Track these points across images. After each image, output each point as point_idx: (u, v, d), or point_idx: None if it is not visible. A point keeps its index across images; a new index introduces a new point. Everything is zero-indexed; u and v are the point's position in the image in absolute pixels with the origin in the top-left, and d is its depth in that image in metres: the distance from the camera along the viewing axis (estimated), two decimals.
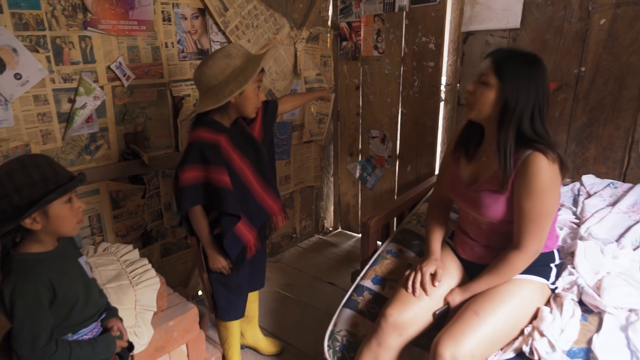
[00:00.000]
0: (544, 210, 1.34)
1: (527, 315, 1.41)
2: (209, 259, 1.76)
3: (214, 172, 1.62)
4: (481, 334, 1.32)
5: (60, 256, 1.20)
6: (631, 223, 1.79)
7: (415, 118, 2.88)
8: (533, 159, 1.32)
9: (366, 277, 1.81)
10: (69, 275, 1.20)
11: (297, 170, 3.21)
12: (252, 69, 1.57)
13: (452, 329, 1.34)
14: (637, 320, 1.31)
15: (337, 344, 1.66)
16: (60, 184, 1.12)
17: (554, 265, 1.49)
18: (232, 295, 1.87)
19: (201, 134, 1.64)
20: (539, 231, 1.36)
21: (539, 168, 1.31)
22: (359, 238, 3.30)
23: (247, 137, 1.76)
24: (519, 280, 1.44)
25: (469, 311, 1.38)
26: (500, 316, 1.36)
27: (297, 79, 2.96)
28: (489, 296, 1.41)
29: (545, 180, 1.31)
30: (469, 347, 1.30)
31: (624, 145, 2.15)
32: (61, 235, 1.20)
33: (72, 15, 1.89)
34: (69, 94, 1.94)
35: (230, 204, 1.64)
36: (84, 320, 1.24)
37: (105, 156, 2.12)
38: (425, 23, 2.68)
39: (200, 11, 2.34)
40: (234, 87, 1.56)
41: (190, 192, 1.64)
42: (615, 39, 2.08)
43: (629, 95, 2.09)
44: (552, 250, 1.50)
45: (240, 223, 1.70)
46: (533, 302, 1.42)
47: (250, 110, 1.67)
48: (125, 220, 2.26)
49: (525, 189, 1.34)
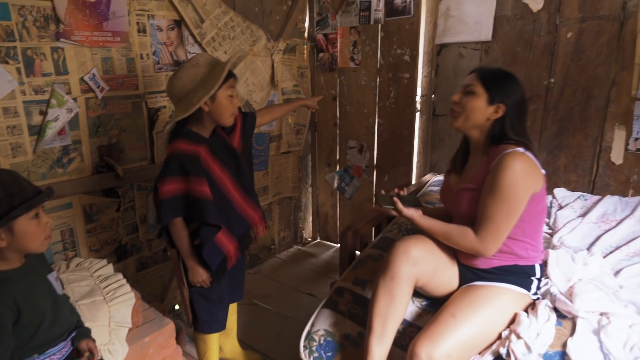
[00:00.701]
0: (503, 210, 1.37)
1: (505, 322, 1.43)
2: (189, 271, 1.74)
3: (194, 183, 1.62)
4: (457, 336, 1.34)
5: (27, 274, 1.16)
6: (601, 232, 1.85)
7: (392, 128, 2.92)
8: (505, 157, 1.38)
9: (346, 278, 1.81)
10: (35, 294, 1.15)
11: (275, 181, 3.20)
12: (218, 75, 1.58)
13: (429, 330, 1.36)
14: (609, 324, 1.35)
15: (314, 343, 1.65)
16: (26, 199, 1.08)
17: (535, 278, 1.52)
18: (213, 307, 1.84)
19: (180, 146, 1.63)
20: (495, 230, 1.39)
21: (507, 167, 1.36)
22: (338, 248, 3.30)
23: (226, 147, 1.77)
24: (499, 288, 1.46)
25: (446, 313, 1.40)
26: (478, 320, 1.38)
27: (274, 90, 2.97)
28: (468, 300, 1.43)
29: (509, 179, 1.36)
30: (445, 348, 1.32)
31: (592, 154, 2.22)
32: (28, 252, 1.16)
33: (44, 26, 1.86)
34: (41, 106, 1.90)
35: (210, 214, 1.63)
36: (51, 340, 1.20)
37: (78, 169, 2.07)
38: (400, 35, 2.73)
39: (176, 23, 2.33)
40: (202, 93, 1.57)
41: (170, 205, 1.62)
42: (582, 52, 2.16)
43: (596, 105, 2.17)
44: (533, 264, 1.52)
45: (220, 233, 1.69)
46: (512, 309, 1.45)
47: (225, 117, 1.67)
48: (99, 234, 2.21)
49: (489, 185, 1.40)
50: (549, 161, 2.35)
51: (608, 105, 2.14)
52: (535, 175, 1.41)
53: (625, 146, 2.12)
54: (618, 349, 1.28)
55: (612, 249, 1.76)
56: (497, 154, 1.43)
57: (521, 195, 1.38)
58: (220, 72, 1.58)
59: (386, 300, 1.46)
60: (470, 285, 1.51)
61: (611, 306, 1.40)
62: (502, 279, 1.48)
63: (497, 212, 1.38)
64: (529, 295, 1.50)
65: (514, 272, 1.49)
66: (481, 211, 1.42)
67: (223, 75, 1.57)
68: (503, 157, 1.39)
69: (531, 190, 1.40)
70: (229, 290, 1.90)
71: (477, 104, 1.46)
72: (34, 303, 1.14)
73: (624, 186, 2.15)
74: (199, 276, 1.72)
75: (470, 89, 1.48)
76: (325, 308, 1.73)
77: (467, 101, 1.48)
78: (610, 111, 2.14)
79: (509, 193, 1.36)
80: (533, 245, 1.50)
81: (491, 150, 1.47)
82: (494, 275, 1.50)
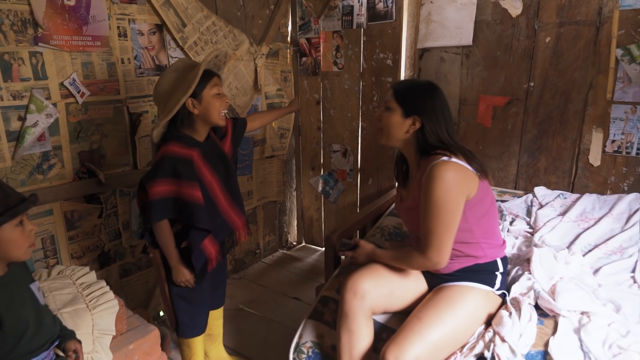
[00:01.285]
0: (440, 221, 1.39)
1: (475, 322, 1.46)
2: (174, 272, 1.73)
3: (186, 187, 1.62)
4: (425, 339, 1.36)
5: (10, 282, 1.14)
6: (580, 231, 1.89)
7: (375, 132, 2.94)
8: (431, 170, 1.40)
9: (330, 287, 1.82)
10: (18, 303, 1.14)
11: (259, 185, 3.19)
12: (194, 74, 1.61)
13: (398, 336, 1.39)
14: (589, 322, 1.38)
15: (303, 355, 1.65)
16: (11, 206, 1.07)
17: (498, 273, 1.54)
18: (193, 309, 1.84)
19: (173, 149, 1.64)
20: (438, 242, 1.41)
21: (434, 179, 1.38)
22: (323, 252, 3.31)
23: (218, 153, 1.80)
24: (463, 287, 1.49)
25: (413, 318, 1.43)
26: (444, 321, 1.40)
27: (257, 94, 2.96)
28: (433, 302, 1.46)
29: (439, 191, 1.38)
30: (414, 352, 1.34)
31: (571, 156, 2.27)
32: (12, 260, 1.14)
33: (22, 30, 1.83)
34: (19, 112, 1.86)
35: (202, 218, 1.65)
36: (34, 350, 1.18)
37: (59, 175, 2.04)
38: (382, 40, 2.75)
39: (157, 27, 2.31)
40: (180, 95, 1.61)
41: (160, 206, 1.62)
42: (560, 56, 2.21)
43: (574, 108, 2.22)
44: (494, 259, 1.54)
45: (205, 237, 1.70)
46: (479, 308, 1.47)
47: (215, 116, 1.69)
48: (81, 241, 2.17)
49: (423, 201, 1.42)
50: (529, 163, 2.39)
51: (586, 108, 2.19)
52: (467, 180, 1.42)
53: (603, 148, 2.18)
54: (597, 347, 1.31)
55: (591, 247, 1.80)
56: (426, 166, 1.44)
57: (454, 204, 1.40)
58: (197, 70, 1.61)
59: (347, 336, 1.51)
60: (437, 288, 1.54)
61: (591, 305, 1.43)
62: (467, 278, 1.51)
63: (434, 225, 1.40)
64: (493, 292, 1.52)
65: (476, 270, 1.52)
66: (422, 226, 1.45)
67: (198, 75, 1.60)
68: (430, 169, 1.41)
69: (464, 196, 1.41)
70: (210, 293, 1.90)
71: (394, 119, 1.50)
72: (17, 312, 1.12)
73: (602, 187, 2.21)
74: (183, 276, 1.72)
75: (387, 105, 1.53)
76: (311, 319, 1.73)
77: (386, 118, 1.52)
78: (588, 114, 2.19)
79: (440, 205, 1.38)
80: (488, 243, 1.52)
81: (422, 163, 1.49)
82: (457, 277, 1.52)
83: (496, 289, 1.52)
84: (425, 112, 1.47)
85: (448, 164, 1.40)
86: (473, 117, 2.51)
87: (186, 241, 1.70)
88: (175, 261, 1.72)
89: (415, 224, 1.51)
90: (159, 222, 1.65)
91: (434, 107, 1.48)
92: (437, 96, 1.50)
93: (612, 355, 1.28)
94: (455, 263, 1.51)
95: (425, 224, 1.43)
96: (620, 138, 2.12)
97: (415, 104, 1.48)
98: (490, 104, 2.45)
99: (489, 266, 1.53)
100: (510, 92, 2.38)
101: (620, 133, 2.12)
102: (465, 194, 1.42)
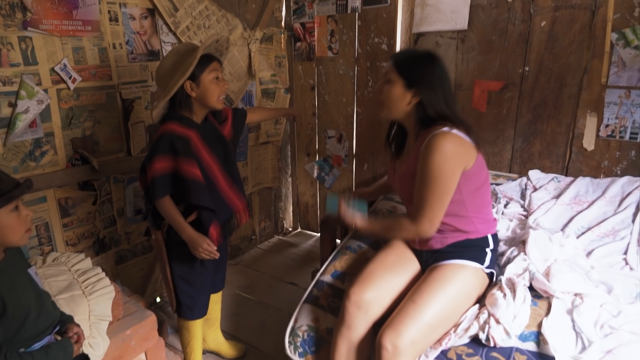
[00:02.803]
0: (435, 191, 1.41)
1: (466, 300, 1.47)
2: (190, 243, 1.67)
3: (184, 163, 1.63)
4: (420, 321, 1.37)
5: (8, 267, 1.15)
6: (573, 214, 1.91)
7: (371, 117, 2.93)
8: (431, 140, 1.41)
9: (326, 272, 1.83)
10: (18, 287, 1.14)
11: (254, 171, 3.19)
12: (192, 58, 1.62)
13: (393, 320, 1.40)
14: (582, 304, 1.40)
15: (299, 339, 1.67)
16: (5, 191, 1.07)
17: (488, 250, 1.55)
18: (196, 292, 1.85)
19: (172, 127, 1.65)
20: (430, 211, 1.43)
21: (433, 149, 1.39)
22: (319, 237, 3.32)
23: (216, 135, 1.81)
24: (454, 265, 1.50)
25: (407, 301, 1.44)
26: (436, 301, 1.41)
27: (251, 80, 2.94)
28: (426, 283, 1.47)
29: (436, 161, 1.38)
30: (409, 335, 1.35)
31: (565, 140, 2.28)
32: (8, 246, 1.15)
33: (10, 14, 1.79)
34: (10, 98, 1.84)
35: (200, 195, 1.65)
36: (38, 334, 1.19)
37: (52, 162, 2.02)
38: (377, 24, 2.73)
39: (149, 11, 2.28)
40: (178, 77, 1.63)
41: (161, 181, 1.63)
42: (555, 40, 2.20)
43: (569, 93, 2.22)
44: (485, 235, 1.56)
45: None
46: (469, 286, 1.48)
47: (213, 100, 1.70)
48: (76, 228, 2.16)
49: (419, 169, 1.43)
50: (524, 148, 2.40)
51: (580, 93, 2.19)
52: (465, 152, 1.43)
53: (597, 132, 2.18)
54: (589, 328, 1.33)
55: (584, 229, 1.82)
56: (425, 136, 1.45)
57: (450, 175, 1.41)
58: (196, 54, 1.62)
59: (346, 346, 1.50)
60: (429, 268, 1.55)
61: (584, 286, 1.45)
62: (457, 256, 1.52)
63: (428, 195, 1.42)
64: (483, 269, 1.53)
65: (467, 246, 1.53)
66: (415, 195, 1.46)
67: (196, 58, 1.60)
68: (429, 140, 1.41)
69: (461, 168, 1.43)
70: (211, 276, 1.91)
71: (396, 91, 1.48)
72: (19, 297, 1.13)
73: (596, 171, 2.22)
74: (202, 242, 1.65)
75: (388, 78, 1.51)
76: (306, 303, 1.74)
77: (387, 90, 1.51)
78: (582, 98, 2.19)
79: (437, 175, 1.39)
80: (480, 218, 1.54)
81: (421, 134, 1.50)
82: (449, 253, 1.53)
83: (485, 267, 1.53)
84: (426, 84, 1.46)
85: (448, 135, 1.40)
86: (468, 102, 2.51)
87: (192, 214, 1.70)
88: (188, 231, 1.66)
89: (409, 192, 1.52)
90: (162, 198, 1.65)
91: (434, 78, 1.46)
92: (437, 66, 1.48)
93: (604, 335, 1.31)
94: (447, 238, 1.53)
95: (419, 193, 1.44)
96: (614, 122, 2.13)
97: (416, 75, 1.46)
98: (485, 89, 2.44)
99: (480, 242, 1.54)
100: (505, 76, 2.37)
101: (614, 117, 2.13)
102: (462, 166, 1.43)
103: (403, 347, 1.34)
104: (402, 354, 1.34)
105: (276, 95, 3.17)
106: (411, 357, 1.37)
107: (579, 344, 1.31)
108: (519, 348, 1.35)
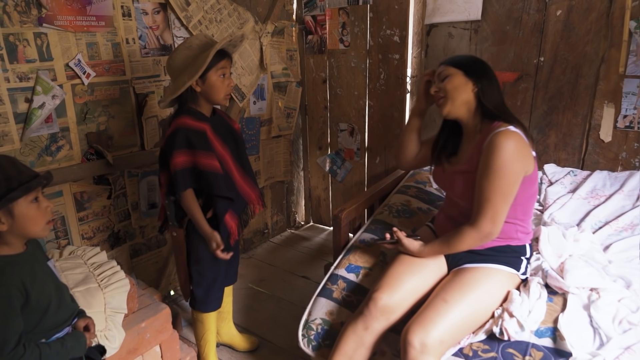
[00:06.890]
0: (499, 190, 1.37)
1: (495, 304, 1.45)
2: (208, 239, 1.72)
3: (203, 157, 1.65)
4: (449, 320, 1.35)
5: (31, 259, 1.17)
6: (590, 208, 1.88)
7: (383, 110, 2.91)
8: (496, 136, 1.38)
9: (340, 266, 1.83)
10: (40, 278, 1.17)
11: (266, 165, 3.19)
12: (203, 58, 1.61)
13: (421, 317, 1.37)
14: (598, 299, 1.38)
15: (312, 332, 1.67)
16: (24, 181, 1.09)
17: (524, 258, 1.54)
18: (210, 285, 1.87)
19: (185, 121, 1.66)
20: (493, 211, 1.39)
21: (499, 146, 1.36)
22: (331, 231, 3.32)
23: (226, 127, 1.83)
24: (488, 269, 1.47)
25: (437, 299, 1.41)
26: (468, 303, 1.39)
27: (263, 73, 2.94)
28: (459, 283, 1.44)
29: (502, 159, 1.35)
30: (438, 333, 1.33)
31: (582, 132, 2.24)
32: (30, 237, 1.17)
33: (26, 11, 1.81)
34: (26, 94, 1.86)
35: (222, 187, 1.67)
36: (58, 325, 1.21)
37: (67, 157, 2.05)
38: (389, 16, 2.70)
39: (161, 6, 2.28)
40: (187, 77, 1.63)
41: (184, 175, 1.65)
42: (571, 30, 2.16)
43: (585, 83, 2.17)
44: (524, 244, 1.54)
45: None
46: (502, 290, 1.46)
47: (218, 97, 1.71)
48: (91, 222, 2.19)
49: (483, 167, 1.40)
50: (539, 140, 2.36)
51: (597, 83, 2.15)
52: (528, 156, 1.42)
53: (614, 123, 2.14)
54: (607, 323, 1.31)
55: (602, 224, 1.79)
56: (489, 132, 1.43)
57: (515, 174, 1.38)
58: (207, 55, 1.61)
59: (355, 344, 1.48)
60: (460, 269, 1.52)
61: (601, 281, 1.43)
62: (493, 260, 1.49)
63: (493, 193, 1.37)
64: (518, 275, 1.51)
65: (505, 252, 1.51)
66: (477, 194, 1.42)
67: (208, 59, 1.60)
68: (494, 136, 1.39)
69: (524, 170, 1.40)
70: (225, 270, 1.92)
71: (457, 81, 1.48)
72: (40, 287, 1.15)
73: (613, 163, 2.18)
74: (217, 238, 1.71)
75: (444, 74, 1.51)
76: (320, 296, 1.75)
77: (447, 84, 1.49)
78: (599, 89, 2.15)
79: (502, 173, 1.36)
80: (524, 227, 1.52)
81: (484, 127, 1.48)
82: (484, 256, 1.50)
83: (521, 274, 1.52)
84: (483, 72, 1.48)
85: (515, 134, 1.38)
86: None
87: (210, 211, 1.73)
88: (207, 228, 1.71)
89: (468, 188, 1.47)
90: (184, 192, 1.67)
91: (488, 69, 1.50)
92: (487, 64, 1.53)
93: (622, 331, 1.29)
94: None
95: (482, 192, 1.39)
96: (633, 113, 2.09)
97: (472, 65, 1.49)
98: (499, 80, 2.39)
99: (518, 249, 1.52)
100: (519, 67, 2.33)
101: (633, 108, 2.08)
102: (525, 169, 1.41)
103: (431, 346, 1.32)
104: (429, 352, 1.32)
105: (288, 89, 3.17)
106: (437, 356, 1.34)
107: (597, 340, 1.29)
108: (535, 344, 1.34)
